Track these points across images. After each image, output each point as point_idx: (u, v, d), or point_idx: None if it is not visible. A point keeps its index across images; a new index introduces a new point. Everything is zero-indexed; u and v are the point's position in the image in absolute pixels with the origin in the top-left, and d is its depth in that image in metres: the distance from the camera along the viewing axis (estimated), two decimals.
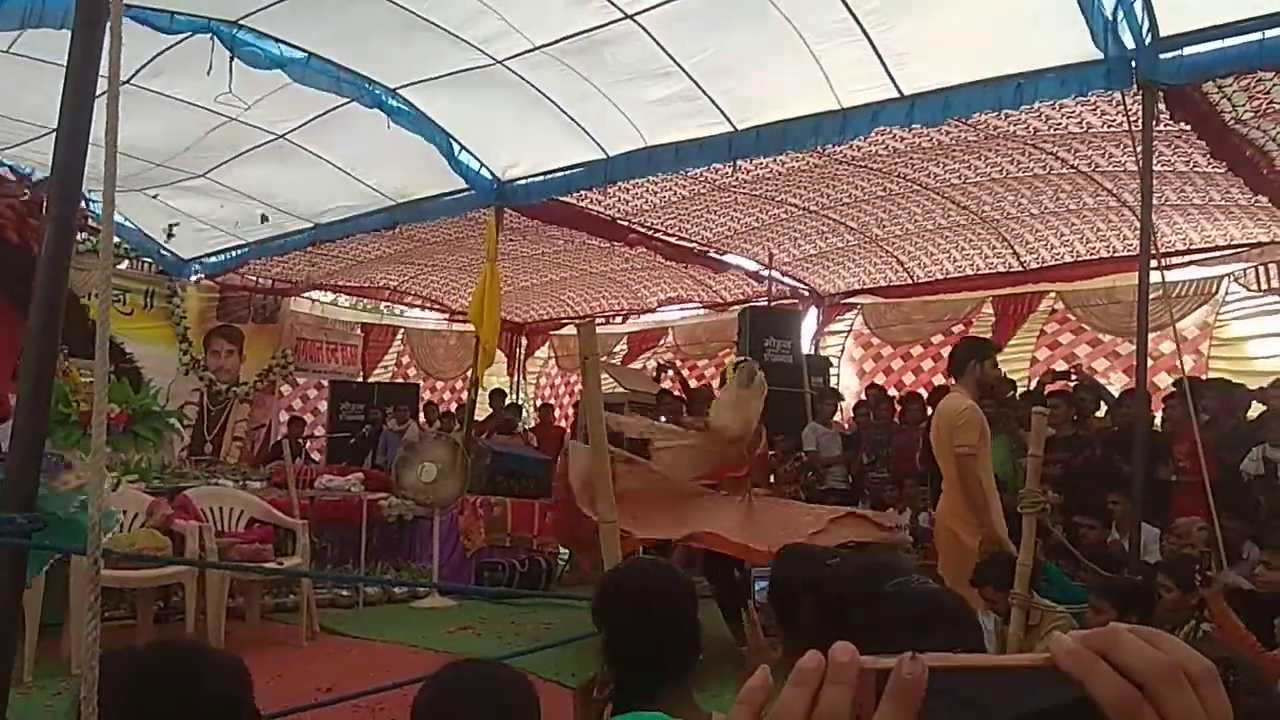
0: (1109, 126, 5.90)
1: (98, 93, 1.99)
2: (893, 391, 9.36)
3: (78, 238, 3.33)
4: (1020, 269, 8.75)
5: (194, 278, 10.13)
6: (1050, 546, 5.36)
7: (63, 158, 1.99)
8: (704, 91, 6.05)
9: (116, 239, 8.50)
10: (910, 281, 9.52)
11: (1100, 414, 6.88)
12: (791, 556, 2.24)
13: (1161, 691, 0.40)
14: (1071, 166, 6.77)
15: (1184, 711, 0.40)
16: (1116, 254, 8.07)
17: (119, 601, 5.58)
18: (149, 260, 9.99)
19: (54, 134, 2.03)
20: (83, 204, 5.38)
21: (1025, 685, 0.42)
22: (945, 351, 9.45)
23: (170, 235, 8.51)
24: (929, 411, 8.03)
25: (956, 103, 5.23)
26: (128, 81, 5.97)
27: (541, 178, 7.55)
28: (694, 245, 9.19)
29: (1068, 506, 6.07)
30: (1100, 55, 4.71)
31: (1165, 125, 5.29)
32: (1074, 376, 7.31)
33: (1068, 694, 0.41)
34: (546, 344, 13.19)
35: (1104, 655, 0.41)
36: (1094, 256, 8.30)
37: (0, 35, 5.64)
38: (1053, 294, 8.76)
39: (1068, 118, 5.92)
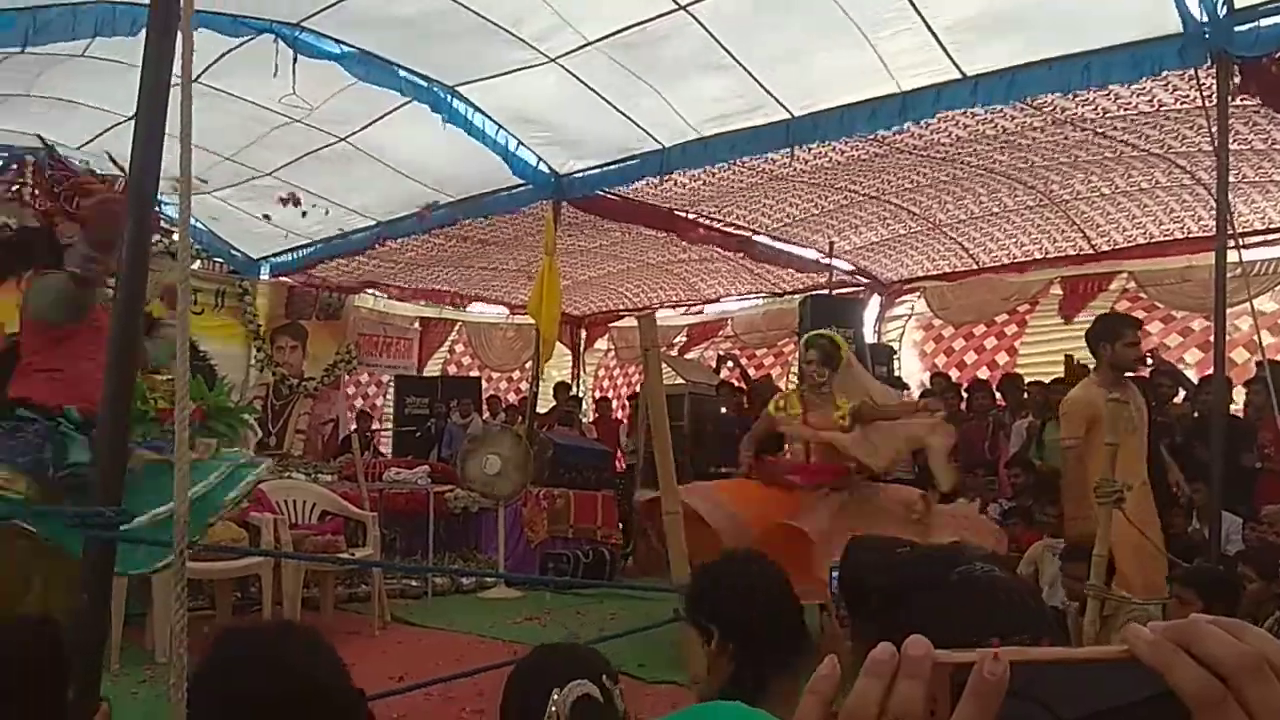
0: (1181, 104, 5.70)
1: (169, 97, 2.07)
2: (954, 373, 9.21)
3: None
4: (1091, 251, 8.51)
5: (263, 276, 10.42)
6: None
7: (139, 160, 2.05)
8: (759, 82, 6.01)
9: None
10: (975, 267, 9.31)
11: (1179, 400, 6.68)
12: (860, 544, 2.22)
13: (1245, 684, 0.39)
14: (1143, 149, 6.56)
15: (1269, 705, 0.39)
16: (1191, 234, 7.81)
17: (198, 592, 5.75)
18: (220, 260, 10.27)
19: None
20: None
21: (1104, 679, 0.42)
22: (1009, 331, 9.29)
23: (268, 218, 8.73)
24: (997, 399, 7.89)
25: (1021, 83, 5.11)
26: (196, 79, 6.14)
27: (598, 170, 7.59)
28: (752, 234, 9.14)
29: None
30: (1171, 30, 4.56)
31: (1241, 100, 5.09)
32: (1150, 360, 7.08)
33: (1148, 687, 0.40)
34: (605, 336, 13.24)
35: (1185, 647, 0.40)
36: (1168, 238, 8.04)
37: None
38: (1124, 274, 8.52)
39: (1138, 96, 5.73)
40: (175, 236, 5.29)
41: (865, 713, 0.42)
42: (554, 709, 1.53)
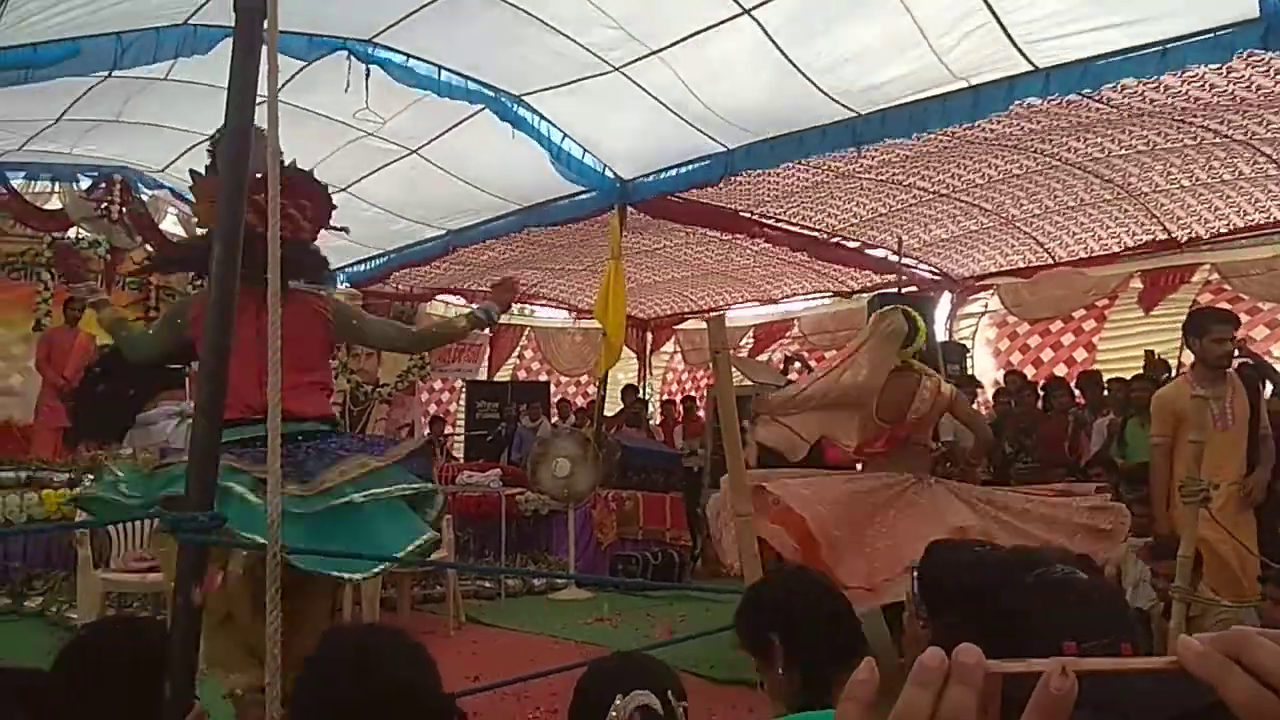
0: (1262, 90, 5.49)
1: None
2: (1030, 371, 8.99)
3: None
4: (1171, 243, 8.22)
5: (340, 286, 10.69)
6: None
7: (227, 178, 2.13)
8: (818, 87, 5.96)
9: None
10: (1051, 261, 9.06)
11: (1268, 394, 6.43)
12: (940, 544, 2.20)
13: None
14: (1225, 135, 6.33)
15: None
16: (1278, 222, 7.53)
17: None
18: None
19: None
20: None
21: (1154, 689, 0.41)
22: (1087, 326, 9.03)
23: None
24: (1076, 396, 7.69)
25: (1095, 72, 4.98)
26: (282, 87, 6.33)
27: (662, 174, 7.61)
28: (819, 234, 9.06)
29: None
30: (1248, 15, 4.40)
31: None
32: (1239, 353, 6.80)
33: (1198, 698, 0.40)
34: (672, 339, 13.26)
35: (1235, 658, 0.40)
36: (1252, 226, 7.75)
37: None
38: (1207, 265, 8.23)
39: (1219, 78, 5.52)
40: None
41: None
42: (615, 714, 1.55)
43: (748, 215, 8.54)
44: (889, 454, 4.76)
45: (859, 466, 5.17)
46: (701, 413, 10.78)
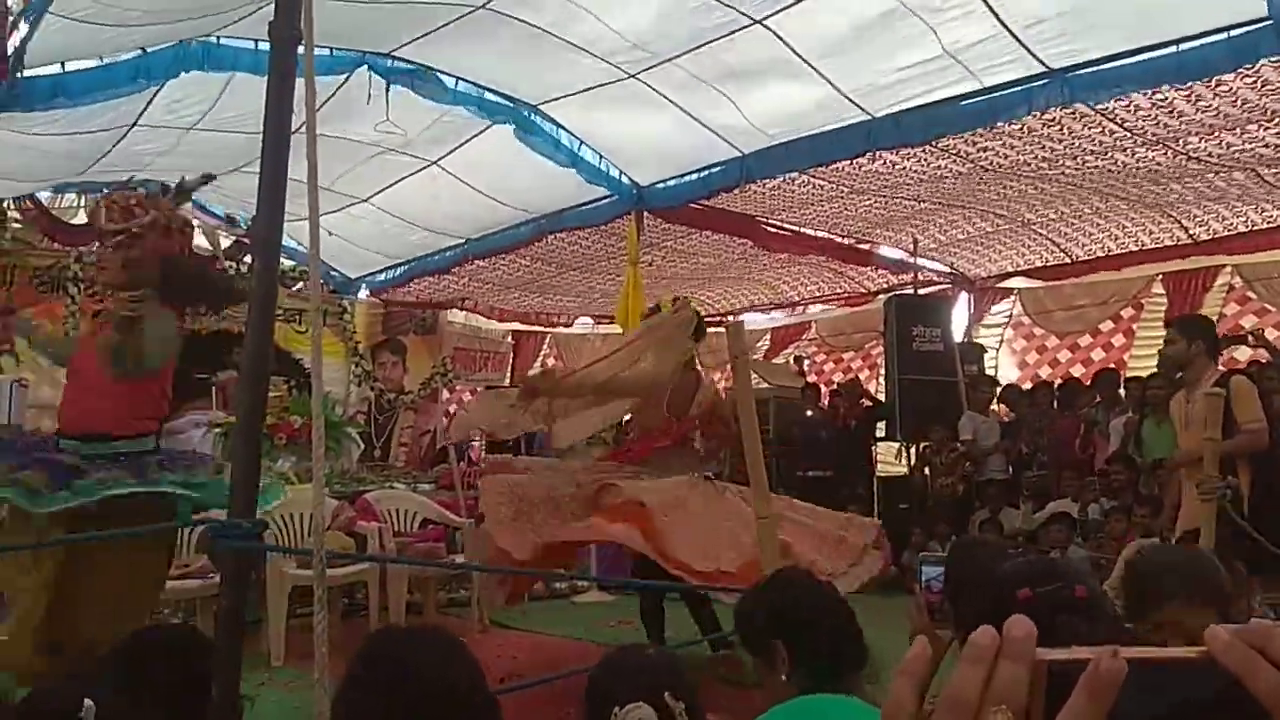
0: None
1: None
2: (1058, 382, 8.95)
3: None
4: (1190, 242, 8.17)
5: (361, 294, 10.84)
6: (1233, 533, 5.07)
7: (266, 195, 2.20)
8: (834, 85, 6.01)
9: (290, 261, 9.21)
10: (1069, 261, 9.00)
11: None
12: (965, 547, 2.26)
13: None
14: (1242, 148, 6.24)
15: None
16: None
17: (308, 598, 6.04)
18: (321, 281, 10.69)
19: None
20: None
21: (1181, 678, 0.42)
22: (1116, 341, 8.96)
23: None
24: (1096, 398, 7.69)
25: (1110, 78, 4.99)
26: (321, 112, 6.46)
27: (678, 180, 7.68)
28: (834, 238, 9.09)
29: (1254, 492, 5.70)
30: (1259, 14, 4.41)
31: None
32: (1252, 341, 6.76)
33: (1224, 689, 0.41)
34: None
35: (1261, 650, 0.40)
36: (1273, 225, 7.69)
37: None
38: (1229, 268, 8.17)
39: (1241, 80, 5.45)
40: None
41: (966, 698, 0.42)
42: None
43: (763, 219, 8.58)
44: (671, 450, 4.72)
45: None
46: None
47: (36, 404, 6.99)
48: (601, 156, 7.60)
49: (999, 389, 8.64)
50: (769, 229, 8.67)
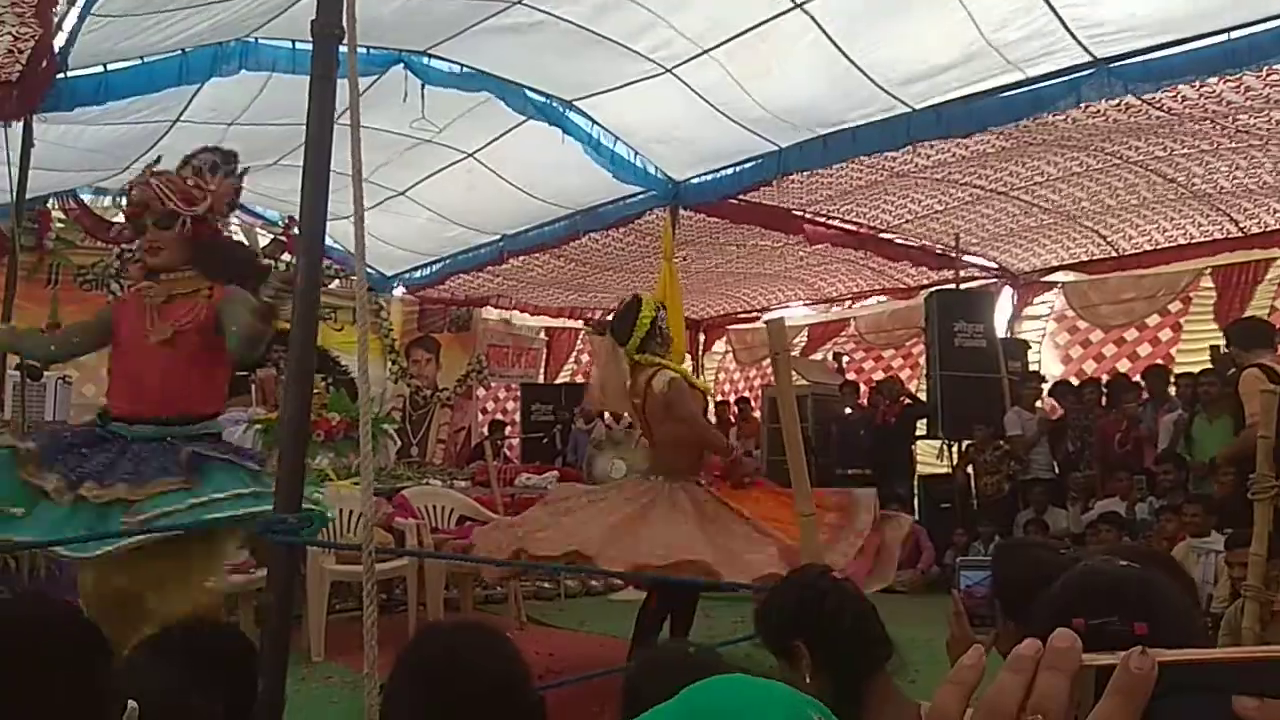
0: None
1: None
2: (1105, 378, 8.79)
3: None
4: (1240, 234, 7.98)
5: (397, 292, 10.91)
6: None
7: (309, 192, 2.21)
8: (870, 77, 5.93)
9: (326, 260, 9.28)
10: (1115, 255, 8.80)
11: None
12: (1009, 549, 2.21)
13: None
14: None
15: None
16: None
17: (347, 594, 6.07)
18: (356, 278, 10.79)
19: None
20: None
21: (1255, 677, 0.41)
22: (1163, 335, 8.74)
23: None
24: (1144, 395, 7.53)
25: (1159, 69, 4.88)
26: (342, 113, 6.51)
27: (714, 174, 7.63)
28: (874, 231, 8.99)
29: None
30: None
31: None
32: None
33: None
34: (723, 339, 13.25)
35: None
36: None
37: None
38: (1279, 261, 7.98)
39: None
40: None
41: (1005, 706, 0.42)
42: None
43: (800, 213, 8.50)
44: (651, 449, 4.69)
45: None
46: (756, 413, 10.76)
47: (80, 402, 7.12)
48: (636, 152, 7.57)
49: (1045, 385, 8.48)
50: (806, 221, 8.58)
